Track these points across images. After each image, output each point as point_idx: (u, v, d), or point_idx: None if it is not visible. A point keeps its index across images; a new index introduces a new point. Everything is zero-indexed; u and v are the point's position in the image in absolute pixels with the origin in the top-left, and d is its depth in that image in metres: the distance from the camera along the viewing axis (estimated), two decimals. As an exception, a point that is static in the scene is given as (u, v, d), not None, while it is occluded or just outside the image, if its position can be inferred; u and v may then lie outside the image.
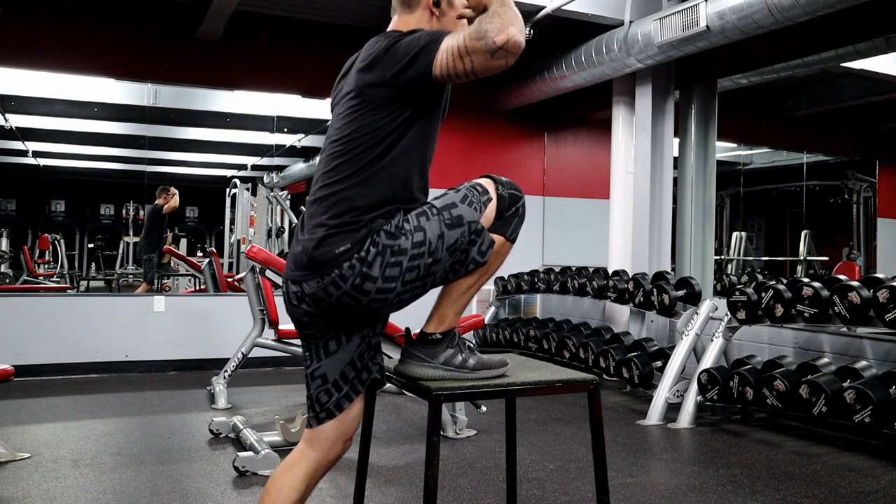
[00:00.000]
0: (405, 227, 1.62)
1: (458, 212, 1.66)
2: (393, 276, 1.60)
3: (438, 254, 1.63)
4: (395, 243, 1.59)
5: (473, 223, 1.68)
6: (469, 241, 1.69)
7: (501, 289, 6.60)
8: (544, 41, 6.28)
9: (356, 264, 1.58)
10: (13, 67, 5.81)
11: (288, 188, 9.36)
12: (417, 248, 1.61)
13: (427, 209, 1.65)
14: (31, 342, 5.41)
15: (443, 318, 1.77)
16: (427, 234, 1.62)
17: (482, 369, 1.76)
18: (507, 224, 1.77)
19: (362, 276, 1.58)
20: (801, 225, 9.04)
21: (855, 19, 4.42)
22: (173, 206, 7.57)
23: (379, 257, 1.59)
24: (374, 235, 1.60)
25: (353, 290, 1.59)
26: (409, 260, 1.60)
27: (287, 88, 6.50)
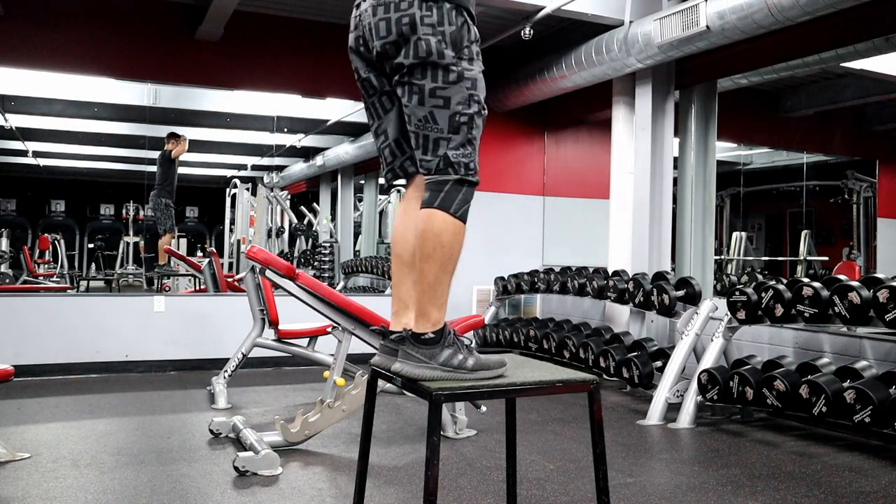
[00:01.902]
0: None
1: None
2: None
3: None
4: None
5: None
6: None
7: (501, 289, 6.60)
8: (544, 41, 6.28)
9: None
10: (13, 67, 5.81)
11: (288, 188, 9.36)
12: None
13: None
14: (31, 342, 5.41)
15: (426, 315, 1.73)
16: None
17: (481, 370, 1.74)
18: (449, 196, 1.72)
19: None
20: (801, 225, 9.03)
21: (855, 19, 4.42)
22: (182, 150, 7.47)
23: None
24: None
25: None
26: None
27: (287, 88, 6.50)
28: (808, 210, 9.21)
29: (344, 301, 4.13)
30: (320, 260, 8.48)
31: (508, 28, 5.75)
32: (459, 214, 1.70)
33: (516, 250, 7.04)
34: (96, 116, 8.08)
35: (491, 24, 5.88)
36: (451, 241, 1.70)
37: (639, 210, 5.72)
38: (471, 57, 1.74)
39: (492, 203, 6.84)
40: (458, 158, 1.71)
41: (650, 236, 5.71)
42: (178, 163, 7.59)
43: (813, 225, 9.11)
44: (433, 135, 1.70)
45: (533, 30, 5.45)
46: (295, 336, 4.75)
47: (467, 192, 1.72)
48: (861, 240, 8.65)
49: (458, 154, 1.71)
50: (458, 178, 1.71)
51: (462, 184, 1.71)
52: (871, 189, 8.65)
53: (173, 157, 7.45)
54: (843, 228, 9.03)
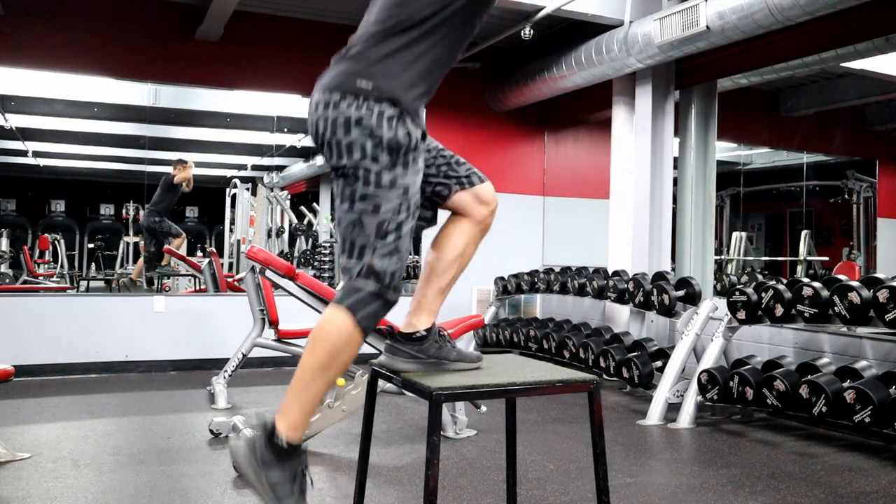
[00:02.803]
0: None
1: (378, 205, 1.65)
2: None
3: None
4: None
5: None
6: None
7: (501, 289, 6.59)
8: (544, 41, 6.28)
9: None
10: (13, 67, 5.81)
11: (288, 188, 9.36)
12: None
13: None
14: (31, 342, 5.41)
15: (288, 411, 1.75)
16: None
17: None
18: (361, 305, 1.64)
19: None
20: (801, 225, 9.03)
21: (855, 19, 4.42)
22: (185, 176, 7.50)
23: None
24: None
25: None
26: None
27: (287, 88, 6.50)
28: (808, 210, 9.21)
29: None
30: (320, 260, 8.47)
31: (508, 28, 5.75)
32: (364, 325, 1.62)
33: (516, 250, 7.04)
34: (96, 116, 8.09)
35: (491, 24, 5.88)
36: (341, 347, 1.62)
37: (639, 210, 5.72)
38: (406, 163, 1.65)
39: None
40: (382, 268, 1.63)
41: (650, 236, 5.71)
42: (181, 191, 7.60)
43: (813, 225, 9.11)
44: (359, 241, 1.63)
45: (533, 30, 5.45)
46: (295, 336, 4.74)
47: (379, 309, 1.64)
48: (861, 240, 8.65)
49: (383, 263, 1.63)
50: (375, 289, 1.63)
51: (378, 297, 1.63)
52: (871, 189, 8.66)
53: (176, 182, 7.46)
54: (843, 228, 9.03)
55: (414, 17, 1.65)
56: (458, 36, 1.72)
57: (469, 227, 1.88)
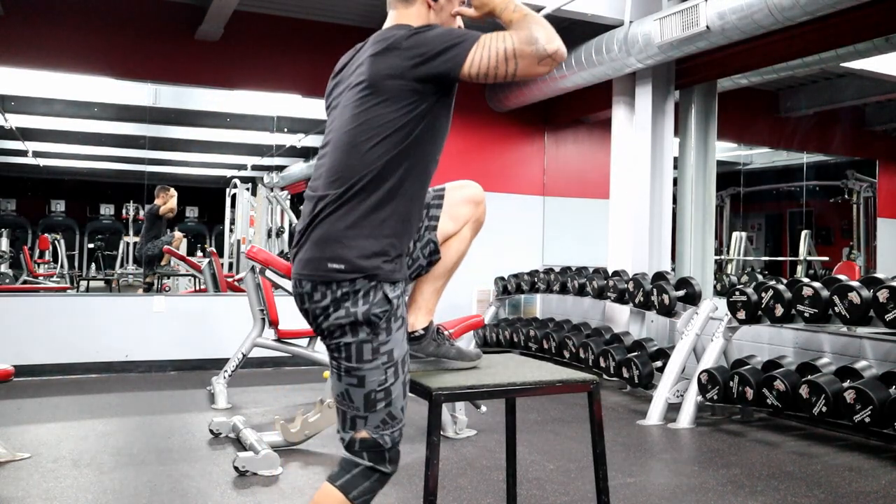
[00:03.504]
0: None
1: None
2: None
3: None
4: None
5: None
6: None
7: (501, 289, 6.60)
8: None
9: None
10: (13, 67, 5.81)
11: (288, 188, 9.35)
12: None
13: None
14: (31, 342, 5.41)
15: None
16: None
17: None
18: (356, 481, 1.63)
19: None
20: (801, 225, 9.03)
21: (855, 19, 4.42)
22: (170, 207, 7.54)
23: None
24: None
25: None
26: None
27: (287, 88, 6.50)
28: (808, 210, 9.21)
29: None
30: (320, 260, 8.46)
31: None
32: (359, 502, 1.61)
33: (516, 250, 7.04)
34: (96, 116, 8.09)
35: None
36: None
37: (639, 210, 5.72)
38: (389, 328, 1.60)
39: (492, 203, 6.77)
40: (376, 437, 1.62)
41: (650, 236, 5.71)
42: (168, 218, 7.65)
43: (813, 225, 9.11)
44: (350, 412, 1.62)
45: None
46: (295, 336, 4.75)
47: (375, 483, 1.63)
48: (861, 240, 8.65)
49: (376, 432, 1.62)
50: (371, 465, 1.62)
51: (373, 472, 1.62)
52: (871, 189, 8.66)
53: (161, 213, 7.49)
54: (843, 228, 9.03)
55: (367, 174, 1.57)
56: (423, 173, 1.64)
57: (463, 232, 1.87)
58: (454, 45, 1.54)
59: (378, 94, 1.57)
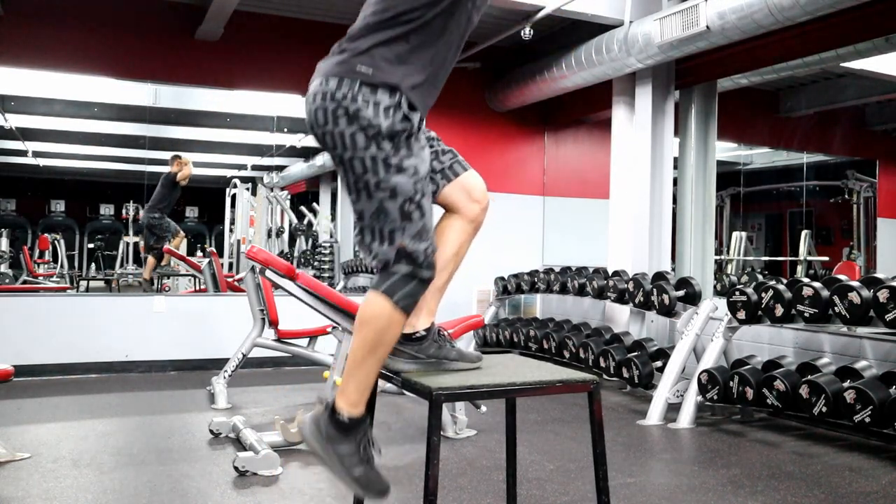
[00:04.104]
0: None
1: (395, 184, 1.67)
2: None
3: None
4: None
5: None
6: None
7: (501, 289, 6.60)
8: (544, 41, 6.28)
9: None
10: (13, 67, 5.81)
11: (288, 188, 9.36)
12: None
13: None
14: (31, 342, 5.41)
15: (346, 392, 1.77)
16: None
17: (360, 486, 1.83)
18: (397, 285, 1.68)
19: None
20: (801, 225, 9.03)
21: (855, 19, 4.42)
22: (187, 174, 7.44)
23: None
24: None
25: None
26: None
27: (287, 88, 6.50)
28: (808, 210, 9.21)
29: (344, 301, 4.12)
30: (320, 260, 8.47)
31: (508, 28, 5.75)
32: (403, 305, 1.66)
33: (516, 250, 7.04)
34: (96, 116, 8.09)
35: (491, 24, 5.88)
36: (384, 328, 1.67)
37: (639, 210, 5.72)
38: (410, 146, 1.68)
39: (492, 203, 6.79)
40: (414, 248, 1.66)
41: (650, 236, 5.71)
42: (181, 186, 7.56)
43: (813, 225, 9.11)
44: (387, 227, 1.66)
45: (533, 30, 5.45)
46: (295, 336, 4.75)
47: (416, 288, 1.68)
48: (861, 240, 8.65)
49: (414, 241, 1.66)
50: (409, 270, 1.67)
51: (412, 278, 1.67)
52: (871, 189, 8.66)
53: (179, 179, 7.42)
54: (843, 228, 9.03)
55: (410, 8, 1.67)
56: (455, 28, 1.74)
57: (462, 226, 1.89)
58: None
59: None
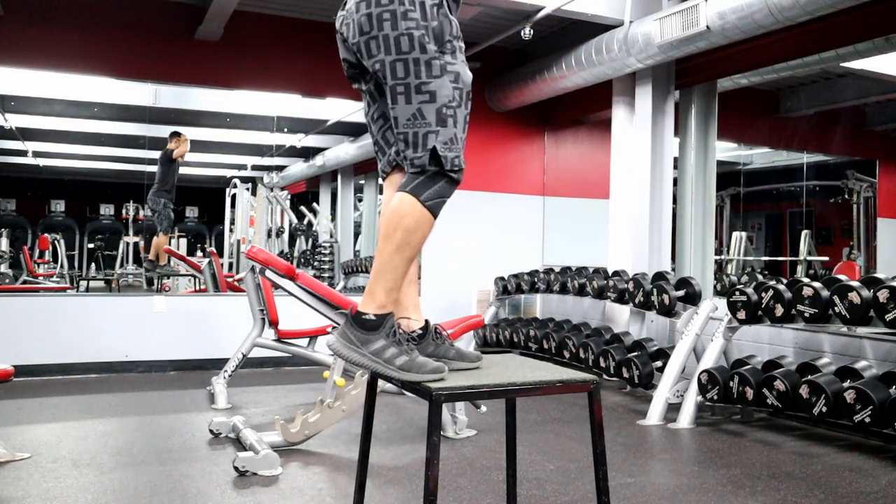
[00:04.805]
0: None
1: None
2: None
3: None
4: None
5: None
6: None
7: (501, 289, 6.59)
8: (544, 41, 6.28)
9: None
10: (13, 67, 5.81)
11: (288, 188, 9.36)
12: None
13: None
14: (31, 342, 5.41)
15: (372, 294, 1.71)
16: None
17: (410, 371, 1.68)
18: (425, 185, 1.69)
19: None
20: (801, 225, 9.03)
21: (855, 19, 4.42)
22: (183, 151, 7.46)
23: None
24: None
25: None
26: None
27: (287, 88, 6.50)
28: (808, 210, 9.21)
29: (344, 301, 4.13)
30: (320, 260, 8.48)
31: (508, 28, 5.75)
32: (430, 205, 1.67)
33: (516, 250, 7.04)
34: (96, 116, 8.08)
35: (491, 24, 5.88)
36: (412, 227, 1.67)
37: (639, 210, 5.72)
38: (453, 50, 1.71)
39: (492, 203, 6.84)
40: (444, 152, 1.68)
41: (650, 236, 5.71)
42: (180, 163, 7.57)
43: (813, 225, 9.11)
44: (422, 130, 1.67)
45: (533, 30, 5.45)
46: (295, 336, 4.75)
47: (444, 187, 1.69)
48: (861, 240, 8.65)
49: (445, 148, 1.68)
50: (436, 169, 1.68)
51: (441, 176, 1.69)
52: (871, 189, 8.66)
53: (175, 157, 7.43)
54: (843, 228, 9.03)
55: None
56: None
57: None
58: None
59: None
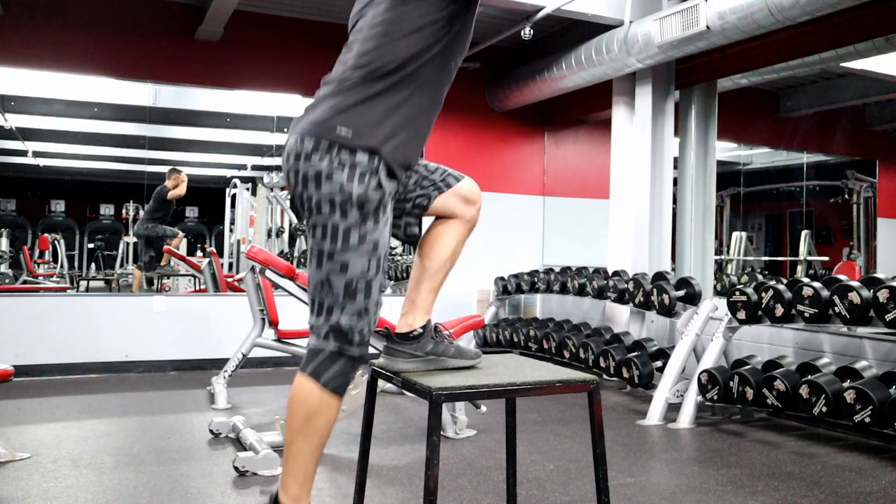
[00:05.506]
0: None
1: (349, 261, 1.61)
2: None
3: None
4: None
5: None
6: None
7: (501, 289, 6.59)
8: (544, 41, 6.28)
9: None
10: (13, 67, 5.81)
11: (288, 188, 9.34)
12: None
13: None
14: (31, 342, 5.41)
15: (284, 484, 1.70)
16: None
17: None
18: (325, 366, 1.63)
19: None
20: (801, 225, 9.03)
21: (855, 19, 4.42)
22: (179, 193, 7.51)
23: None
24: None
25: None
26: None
27: (287, 88, 6.50)
28: (808, 210, 9.21)
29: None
30: (320, 260, 8.45)
31: (508, 28, 5.75)
32: (332, 387, 1.61)
33: (516, 250, 7.04)
34: (96, 116, 8.09)
35: (491, 24, 5.88)
36: (313, 413, 1.61)
37: (639, 210, 5.72)
38: (377, 218, 1.61)
39: (492, 203, 6.81)
40: (349, 325, 1.61)
41: (650, 236, 5.71)
42: (175, 202, 7.62)
43: (813, 225, 9.11)
44: (328, 301, 1.60)
45: (533, 30, 5.45)
46: (295, 336, 4.74)
47: (346, 365, 1.63)
48: (861, 240, 8.65)
49: (349, 321, 1.61)
50: (337, 348, 1.62)
51: (341, 355, 1.62)
52: (871, 189, 8.66)
53: (170, 198, 7.47)
54: (843, 228, 9.03)
55: (392, 62, 1.62)
56: (437, 81, 1.69)
57: (458, 227, 1.87)
58: None
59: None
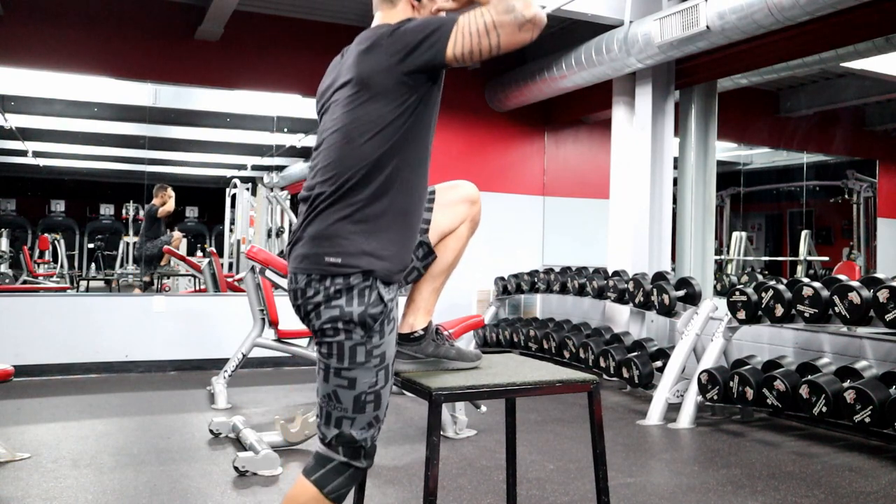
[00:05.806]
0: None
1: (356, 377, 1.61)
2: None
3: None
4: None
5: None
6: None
7: (501, 289, 6.59)
8: (544, 41, 6.27)
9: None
10: (13, 67, 5.81)
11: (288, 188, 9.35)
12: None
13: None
14: (31, 342, 5.41)
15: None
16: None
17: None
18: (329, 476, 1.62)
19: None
20: (801, 225, 9.03)
21: (855, 19, 4.42)
22: (168, 210, 7.57)
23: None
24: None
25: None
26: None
27: (287, 88, 6.50)
28: (808, 210, 9.21)
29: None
30: (320, 260, 8.45)
31: (508, 28, 5.74)
32: (334, 497, 1.60)
33: (516, 250, 7.04)
34: (96, 116, 8.09)
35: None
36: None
37: (639, 210, 5.71)
38: (382, 331, 1.61)
39: (492, 203, 6.82)
40: (360, 437, 1.61)
41: (650, 236, 5.71)
42: (166, 220, 7.72)
43: (813, 225, 9.11)
44: (336, 413, 1.60)
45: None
46: (295, 336, 4.74)
47: (351, 477, 1.63)
48: (861, 240, 8.65)
49: (360, 434, 1.61)
50: (346, 460, 1.61)
51: (348, 467, 1.62)
52: (871, 189, 8.66)
53: (160, 216, 7.53)
54: (843, 228, 9.03)
55: (362, 169, 1.57)
56: (416, 157, 1.63)
57: (461, 230, 1.86)
58: (434, 32, 1.53)
59: (368, 91, 1.57)
